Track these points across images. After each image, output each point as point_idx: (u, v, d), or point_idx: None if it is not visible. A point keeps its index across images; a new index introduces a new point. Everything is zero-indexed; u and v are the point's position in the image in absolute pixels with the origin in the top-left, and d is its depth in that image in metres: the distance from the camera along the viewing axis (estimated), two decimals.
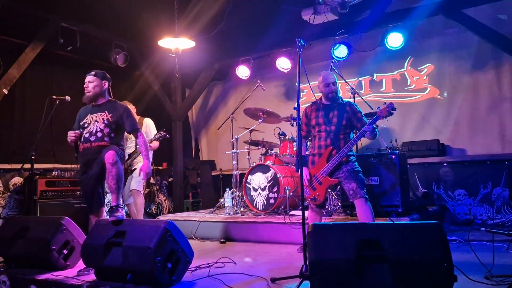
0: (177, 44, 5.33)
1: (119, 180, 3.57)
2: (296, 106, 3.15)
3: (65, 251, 3.69)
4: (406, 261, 2.24)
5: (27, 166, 4.66)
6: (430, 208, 5.44)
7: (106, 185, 3.80)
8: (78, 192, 5.43)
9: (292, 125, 5.76)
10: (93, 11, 5.56)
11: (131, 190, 5.32)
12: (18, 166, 5.04)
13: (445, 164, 5.99)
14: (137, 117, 5.21)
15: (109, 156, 3.53)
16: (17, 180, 5.62)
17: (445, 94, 6.37)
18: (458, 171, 5.91)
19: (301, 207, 5.21)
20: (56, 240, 3.63)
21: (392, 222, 2.49)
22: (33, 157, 4.56)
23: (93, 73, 3.95)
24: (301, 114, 4.05)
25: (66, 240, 3.71)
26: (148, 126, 5.56)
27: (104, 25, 6.03)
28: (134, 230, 3.15)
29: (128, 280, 3.03)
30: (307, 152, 4.05)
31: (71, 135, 3.79)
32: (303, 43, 3.28)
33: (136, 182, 5.26)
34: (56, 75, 6.44)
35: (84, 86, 3.88)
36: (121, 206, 3.54)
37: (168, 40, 5.30)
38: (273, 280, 3.05)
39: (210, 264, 3.57)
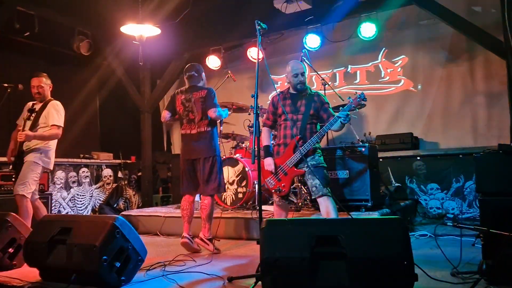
0: (141, 31, 5.07)
1: None
2: (254, 94, 2.95)
3: (10, 250, 3.43)
4: (364, 258, 2.08)
5: None
6: (402, 202, 5.34)
7: None
8: None
9: (249, 114, 5.56)
10: None
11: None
12: None
13: (418, 158, 5.90)
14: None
15: None
16: None
17: (419, 86, 6.28)
18: (431, 165, 5.83)
19: (270, 202, 5.09)
20: (1, 238, 3.37)
21: (350, 218, 2.32)
22: None
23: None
24: (267, 104, 3.92)
25: (11, 238, 3.45)
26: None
27: (66, 10, 5.71)
28: (80, 227, 2.92)
29: (73, 281, 2.80)
30: (272, 142, 3.87)
31: None
32: (264, 26, 3.08)
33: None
34: (14, 62, 6.08)
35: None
36: None
37: (132, 26, 5.04)
38: (230, 279, 2.87)
39: (165, 263, 3.37)
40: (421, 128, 6.19)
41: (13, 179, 4.42)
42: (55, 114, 4.29)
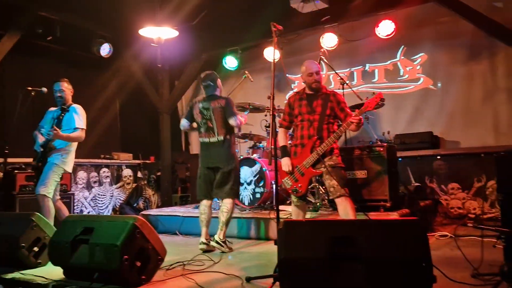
0: (159, 33, 5.15)
1: None
2: (270, 95, 2.96)
3: (35, 249, 3.53)
4: (382, 260, 2.07)
5: (1, 160, 4.47)
6: (422, 202, 5.27)
7: None
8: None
9: (266, 115, 5.58)
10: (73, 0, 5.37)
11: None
12: None
13: (438, 157, 5.82)
14: None
15: None
16: None
17: (438, 84, 6.18)
18: (451, 164, 5.74)
19: (288, 202, 5.10)
20: (26, 237, 3.47)
21: (368, 219, 2.32)
22: (6, 151, 4.37)
23: None
24: (284, 104, 3.94)
25: (37, 237, 3.55)
26: None
27: (86, 14, 5.84)
28: (101, 227, 2.98)
29: (95, 279, 2.87)
30: (289, 142, 3.88)
31: None
32: (280, 28, 3.08)
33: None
34: (37, 66, 6.25)
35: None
36: None
37: (150, 29, 5.12)
38: (248, 279, 2.89)
39: (184, 262, 3.41)
40: (441, 127, 6.09)
41: (35, 180, 4.55)
42: (77, 118, 4.41)
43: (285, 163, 3.63)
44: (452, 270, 2.78)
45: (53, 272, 3.20)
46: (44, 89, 4.58)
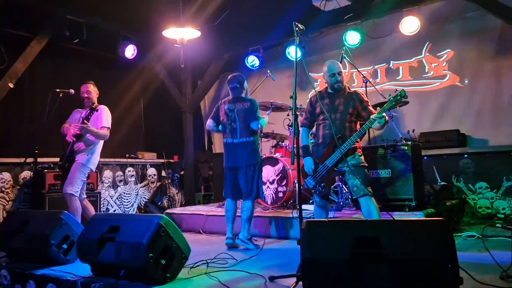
0: (182, 34, 5.20)
1: None
2: (292, 95, 2.96)
3: (64, 246, 3.64)
4: (406, 260, 2.04)
5: (31, 159, 4.62)
6: (448, 202, 5.16)
7: None
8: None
9: (289, 115, 5.59)
10: (99, 3, 5.48)
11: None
12: (22, 159, 5.00)
13: (465, 156, 5.68)
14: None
15: None
16: (26, 173, 5.63)
17: (466, 81, 6.03)
18: (479, 163, 5.60)
19: (311, 201, 5.08)
20: (56, 234, 3.58)
21: (392, 219, 2.29)
22: (36, 151, 4.51)
23: None
24: (306, 103, 3.92)
25: (65, 234, 3.66)
26: None
27: (111, 17, 5.95)
28: (127, 225, 3.05)
29: (121, 276, 2.94)
30: (311, 141, 3.87)
31: None
32: (302, 27, 3.07)
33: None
34: (65, 68, 6.43)
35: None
36: None
37: (173, 30, 5.18)
38: (272, 278, 2.90)
39: (207, 261, 3.45)
40: (469, 125, 5.93)
41: (62, 179, 4.70)
42: (103, 117, 4.53)
43: (307, 163, 3.62)
44: (479, 272, 2.71)
45: (81, 268, 3.30)
46: (72, 91, 4.72)
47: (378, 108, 3.49)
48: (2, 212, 5.38)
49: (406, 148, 4.39)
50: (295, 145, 2.97)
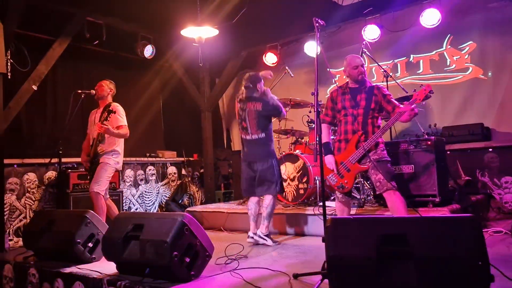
0: (200, 32, 5.21)
1: None
2: (313, 92, 2.94)
3: (90, 244, 3.72)
4: (435, 258, 2.00)
5: (56, 160, 4.72)
6: (473, 197, 5.05)
7: None
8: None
9: (311, 112, 5.55)
10: (117, 4, 5.53)
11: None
12: (47, 160, 5.11)
13: (490, 150, 5.54)
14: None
15: None
16: (51, 174, 5.75)
17: (489, 74, 5.88)
18: (505, 157, 5.44)
19: (332, 198, 5.04)
20: (81, 233, 3.66)
21: (419, 215, 2.25)
22: (60, 151, 4.60)
23: None
24: (326, 99, 3.89)
25: (91, 233, 3.74)
26: None
27: (130, 18, 6.00)
28: (151, 224, 3.08)
29: (146, 274, 2.98)
30: (332, 137, 3.84)
31: None
32: (322, 23, 3.04)
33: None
34: (85, 69, 6.52)
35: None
36: None
37: (191, 29, 5.19)
38: (296, 276, 2.89)
39: (230, 258, 3.46)
40: (493, 118, 5.78)
41: (88, 179, 4.78)
42: (118, 117, 4.59)
43: (329, 161, 3.59)
44: (509, 269, 2.65)
45: (107, 267, 3.35)
46: (93, 91, 4.78)
47: (405, 103, 3.45)
48: (29, 212, 5.51)
49: (429, 143, 4.32)
50: (316, 142, 2.95)
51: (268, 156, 4.21)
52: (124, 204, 6.21)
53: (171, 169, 7.59)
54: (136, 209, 6.83)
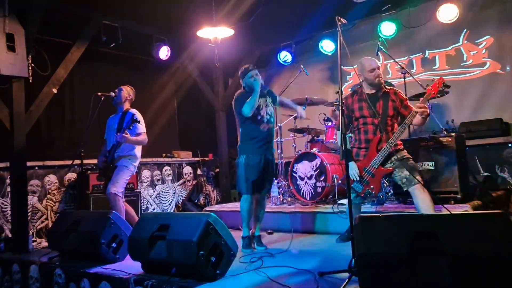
0: (216, 33, 5.24)
1: None
2: (338, 90, 2.93)
3: (114, 245, 3.77)
4: (467, 255, 2.00)
5: (78, 162, 4.79)
6: (493, 193, 5.01)
7: None
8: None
9: (335, 111, 5.54)
10: (132, 6, 5.58)
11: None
12: (69, 162, 5.19)
13: (509, 145, 5.49)
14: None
15: None
16: (71, 175, 5.83)
17: (507, 68, 5.81)
18: None
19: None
20: (105, 234, 3.71)
21: (449, 212, 2.24)
22: (82, 153, 4.67)
23: None
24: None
25: (114, 233, 3.79)
26: None
27: (145, 20, 6.05)
28: (177, 224, 3.12)
29: (173, 274, 3.01)
30: (350, 145, 3.81)
31: None
32: (344, 21, 3.04)
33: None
34: (102, 72, 6.60)
35: None
36: None
37: (207, 30, 5.23)
38: (321, 274, 2.90)
39: (255, 257, 3.48)
40: None
41: (102, 180, 4.84)
42: (138, 124, 4.63)
43: (352, 168, 3.48)
44: None
45: (131, 266, 3.40)
46: (112, 94, 4.83)
47: (421, 99, 3.42)
48: (50, 213, 5.59)
49: (450, 139, 4.29)
50: (343, 144, 2.94)
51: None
52: (142, 205, 6.27)
53: (187, 169, 7.64)
54: (154, 209, 6.89)
